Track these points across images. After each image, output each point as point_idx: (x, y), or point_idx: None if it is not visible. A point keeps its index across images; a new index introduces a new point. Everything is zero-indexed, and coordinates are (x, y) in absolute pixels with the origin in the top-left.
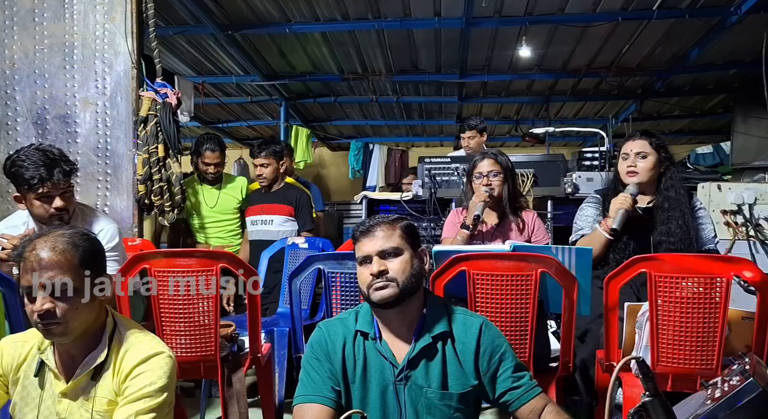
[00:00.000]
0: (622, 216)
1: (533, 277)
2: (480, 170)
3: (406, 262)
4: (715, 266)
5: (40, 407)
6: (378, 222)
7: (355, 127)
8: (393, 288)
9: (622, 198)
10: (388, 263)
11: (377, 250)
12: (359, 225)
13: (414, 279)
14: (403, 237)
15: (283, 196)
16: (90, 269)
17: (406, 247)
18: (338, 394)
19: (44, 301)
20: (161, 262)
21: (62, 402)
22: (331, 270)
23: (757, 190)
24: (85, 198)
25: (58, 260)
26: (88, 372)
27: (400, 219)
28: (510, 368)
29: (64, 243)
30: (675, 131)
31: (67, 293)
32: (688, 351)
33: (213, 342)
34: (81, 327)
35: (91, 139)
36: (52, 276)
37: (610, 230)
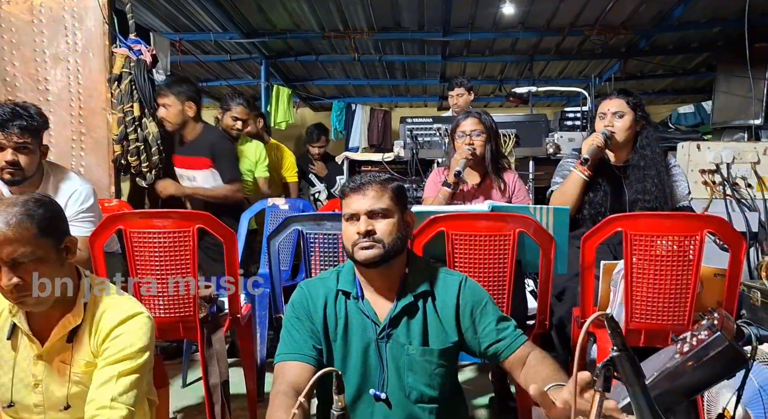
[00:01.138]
0: (594, 149)
1: (511, 237)
2: (463, 129)
3: (393, 225)
4: (689, 224)
5: (14, 369)
6: (370, 181)
7: (337, 87)
8: (378, 250)
9: (593, 136)
10: (376, 224)
11: (366, 209)
12: (349, 181)
13: (400, 241)
14: (393, 199)
15: (198, 145)
16: (50, 236)
17: (394, 209)
18: (319, 352)
19: (11, 276)
20: (137, 223)
21: (38, 364)
22: (310, 232)
23: (735, 149)
24: (59, 159)
25: (16, 233)
26: (63, 336)
27: (392, 180)
28: (493, 320)
29: (18, 216)
30: (658, 91)
31: (33, 265)
32: (660, 307)
33: (192, 303)
34: (54, 295)
35: (63, 98)
36: (12, 252)
37: (583, 160)
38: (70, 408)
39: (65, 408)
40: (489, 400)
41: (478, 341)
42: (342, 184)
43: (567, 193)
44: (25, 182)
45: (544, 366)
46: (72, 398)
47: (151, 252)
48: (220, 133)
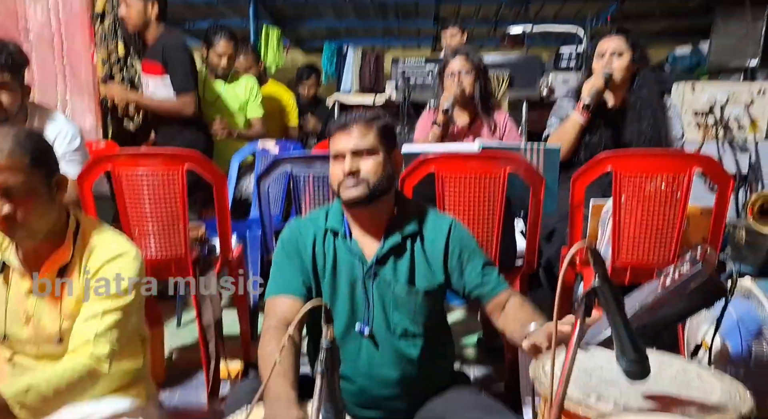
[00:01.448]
0: (595, 92)
1: (501, 177)
2: (451, 68)
3: (378, 163)
4: (679, 162)
5: (7, 305)
6: (355, 119)
7: (328, 29)
8: (363, 189)
9: (594, 77)
10: (361, 162)
11: (351, 148)
12: (336, 119)
13: (386, 180)
14: (379, 137)
15: (154, 49)
16: (41, 168)
17: (380, 148)
18: (309, 289)
19: (2, 204)
20: (125, 163)
21: (29, 299)
22: (300, 173)
23: (730, 90)
24: (43, 99)
25: (8, 162)
26: (53, 271)
27: (378, 118)
28: (479, 265)
29: (11, 144)
30: (656, 33)
31: (24, 195)
32: (647, 245)
33: (183, 243)
34: (45, 227)
35: (45, 36)
36: (4, 180)
37: (584, 106)
38: (62, 342)
39: (58, 341)
40: (477, 340)
41: (463, 283)
42: (329, 124)
43: (564, 137)
44: (8, 122)
45: (523, 311)
46: (64, 332)
47: (140, 191)
48: (178, 38)
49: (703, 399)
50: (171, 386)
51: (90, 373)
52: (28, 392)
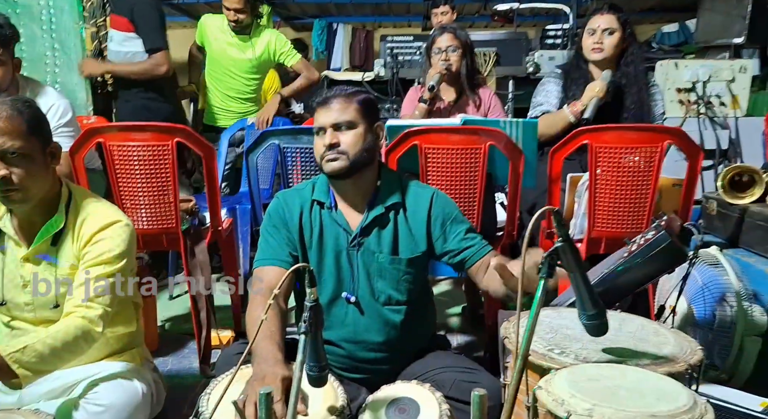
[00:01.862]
0: (595, 104)
1: (482, 151)
2: (439, 45)
3: (358, 136)
4: (651, 136)
5: (3, 271)
6: (335, 94)
7: (318, 6)
8: (343, 161)
9: (599, 85)
10: (341, 136)
11: (331, 122)
12: (318, 95)
13: (366, 153)
14: (359, 111)
15: (121, 2)
16: (37, 136)
17: (360, 121)
18: (295, 259)
19: (5, 167)
20: (115, 136)
21: (25, 266)
22: (288, 146)
23: (712, 67)
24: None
25: (6, 126)
26: (47, 239)
27: (359, 92)
28: (461, 231)
29: (8, 110)
30: (646, 9)
31: (22, 158)
32: (621, 216)
33: (173, 215)
34: (39, 193)
35: (33, 11)
36: (1, 144)
37: (580, 117)
38: (59, 307)
39: (55, 306)
40: (461, 309)
41: (447, 249)
42: (312, 99)
43: (553, 128)
44: None
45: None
46: (60, 298)
47: (131, 165)
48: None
49: (656, 351)
50: (164, 355)
51: (84, 333)
52: (24, 350)
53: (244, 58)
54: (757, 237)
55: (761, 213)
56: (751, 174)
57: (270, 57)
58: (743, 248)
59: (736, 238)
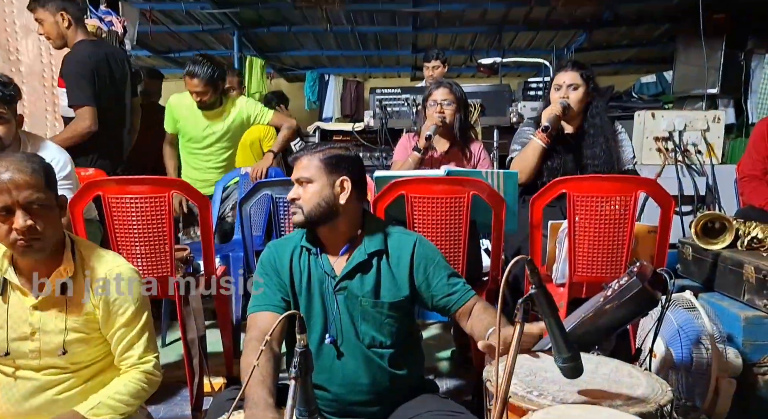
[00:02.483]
0: (554, 118)
1: (465, 199)
2: (435, 98)
3: (313, 192)
4: (625, 186)
5: (7, 322)
6: (301, 151)
7: (310, 58)
8: (299, 215)
9: (552, 105)
10: (302, 190)
11: (295, 177)
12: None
13: (321, 207)
14: (320, 167)
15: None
16: (52, 188)
17: (319, 177)
18: (287, 304)
19: (26, 218)
20: (114, 189)
21: (34, 314)
22: (279, 196)
23: (687, 117)
24: (34, 130)
25: (31, 180)
26: (56, 288)
27: (327, 149)
28: (445, 276)
29: (29, 165)
30: (623, 61)
31: (42, 209)
32: (599, 261)
33: (169, 263)
34: (54, 242)
35: (36, 69)
36: (29, 196)
37: (543, 128)
38: (66, 354)
39: (62, 353)
40: (450, 353)
41: (431, 294)
42: None
43: (527, 160)
44: (2, 152)
45: (486, 314)
46: (68, 344)
47: (128, 216)
48: (83, 47)
49: (629, 393)
50: (156, 402)
51: (148, 381)
52: (99, 406)
53: (216, 131)
54: (730, 281)
55: (732, 258)
56: (722, 221)
57: (243, 123)
58: (718, 292)
59: (710, 282)
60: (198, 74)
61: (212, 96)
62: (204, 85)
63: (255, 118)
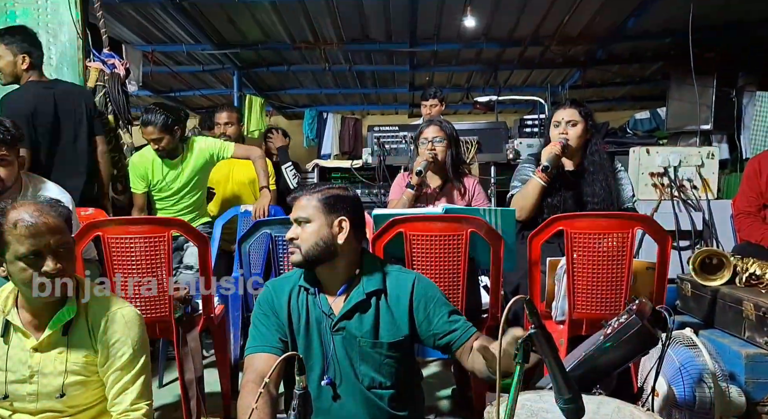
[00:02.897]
0: (554, 157)
1: (464, 237)
2: (425, 136)
3: (311, 232)
4: (622, 223)
5: (7, 363)
6: (300, 191)
7: (309, 96)
8: (297, 255)
9: (552, 144)
10: (300, 230)
11: (293, 217)
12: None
13: (319, 247)
14: (318, 207)
15: None
16: (70, 232)
17: (317, 217)
18: (285, 345)
19: (56, 261)
20: (114, 229)
21: (34, 356)
22: (278, 234)
23: (682, 153)
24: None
25: (59, 224)
26: (59, 329)
27: (326, 189)
28: (445, 314)
29: (53, 210)
30: (618, 98)
31: (67, 252)
32: (599, 298)
33: (167, 303)
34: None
35: None
36: (59, 239)
37: (543, 168)
38: (64, 397)
39: (60, 396)
40: (451, 391)
41: (433, 333)
42: None
43: (527, 197)
44: (5, 193)
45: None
46: (67, 387)
47: (128, 256)
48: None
49: None
50: None
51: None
52: None
53: (182, 177)
54: (730, 318)
55: (731, 295)
56: (720, 257)
57: (207, 162)
58: (718, 328)
59: (710, 319)
60: (152, 122)
61: (170, 142)
62: (159, 132)
63: (218, 154)
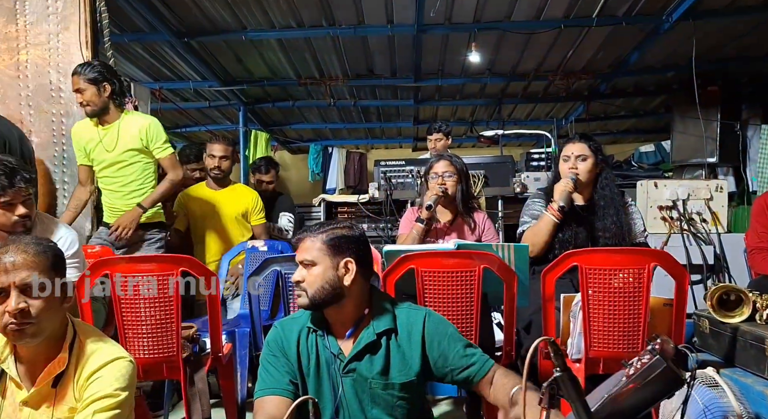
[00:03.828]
0: (566, 195)
1: (476, 273)
2: (436, 170)
3: (317, 275)
4: (638, 259)
5: (1, 415)
6: (305, 233)
7: (314, 131)
8: (304, 298)
9: (564, 182)
10: (305, 273)
11: (299, 260)
12: (300, 231)
13: (326, 290)
14: (323, 249)
15: None
16: (58, 274)
17: (322, 259)
18: (296, 387)
19: (19, 300)
20: (122, 267)
21: (23, 410)
22: (288, 272)
23: (690, 187)
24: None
25: (32, 261)
26: (48, 381)
27: (331, 229)
28: (461, 348)
29: (35, 248)
30: (622, 131)
31: (41, 292)
32: (616, 336)
33: (175, 343)
34: (50, 329)
35: (48, 149)
36: (25, 277)
37: (558, 208)
38: None
39: None
40: None
41: (450, 369)
42: None
43: (540, 234)
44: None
45: (509, 378)
46: None
47: (136, 294)
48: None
49: None
50: None
51: None
52: None
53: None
54: (751, 357)
55: (752, 332)
56: (738, 293)
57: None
58: (739, 367)
59: (730, 357)
60: (77, 72)
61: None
62: (84, 83)
63: (152, 145)
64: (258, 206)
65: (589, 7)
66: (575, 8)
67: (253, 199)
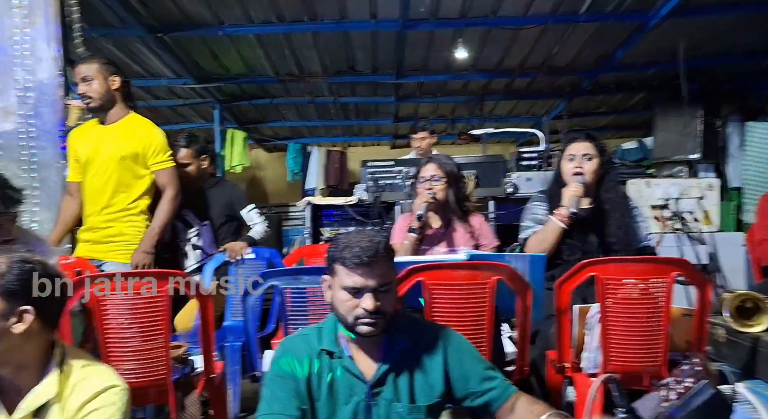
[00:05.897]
0: (577, 202)
1: (489, 285)
2: (423, 174)
3: (394, 296)
4: (658, 268)
5: None
6: (376, 255)
7: (291, 129)
8: (382, 324)
9: (574, 186)
10: (382, 298)
11: (374, 286)
12: (347, 247)
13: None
14: (393, 267)
15: None
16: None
17: (394, 278)
18: (303, 412)
19: None
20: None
21: None
22: (287, 286)
23: (681, 186)
24: None
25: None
26: (30, 410)
27: (387, 246)
28: (481, 370)
29: None
30: (601, 127)
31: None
32: (635, 349)
33: (164, 365)
34: (14, 358)
35: (14, 151)
36: None
37: (569, 214)
38: None
39: None
40: None
41: (470, 392)
42: (338, 249)
43: (546, 241)
44: None
45: (536, 405)
46: None
47: (121, 313)
48: None
49: None
50: None
51: None
52: None
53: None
54: None
55: None
56: (755, 301)
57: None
58: (760, 379)
59: (750, 368)
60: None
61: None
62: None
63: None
64: (157, 143)
65: (576, 3)
66: (562, 4)
67: (148, 133)
